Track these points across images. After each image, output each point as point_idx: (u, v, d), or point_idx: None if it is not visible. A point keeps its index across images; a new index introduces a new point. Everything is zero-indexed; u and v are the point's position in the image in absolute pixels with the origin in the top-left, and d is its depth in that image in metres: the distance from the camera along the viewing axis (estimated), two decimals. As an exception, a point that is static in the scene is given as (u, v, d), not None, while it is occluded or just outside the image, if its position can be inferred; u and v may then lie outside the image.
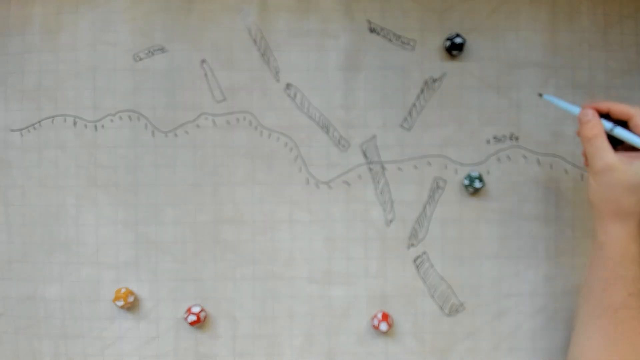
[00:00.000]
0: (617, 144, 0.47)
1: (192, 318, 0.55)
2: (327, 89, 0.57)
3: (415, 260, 0.57)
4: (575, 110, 0.49)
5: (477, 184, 0.55)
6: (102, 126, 0.56)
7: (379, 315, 0.56)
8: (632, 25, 0.57)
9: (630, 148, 0.47)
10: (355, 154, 0.57)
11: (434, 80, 0.57)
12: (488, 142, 0.57)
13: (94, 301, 0.56)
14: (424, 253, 0.57)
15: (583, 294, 0.50)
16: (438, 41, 0.57)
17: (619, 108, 0.47)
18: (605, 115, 0.48)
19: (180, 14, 0.56)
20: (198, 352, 0.57)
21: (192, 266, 0.57)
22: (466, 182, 0.56)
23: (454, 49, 0.55)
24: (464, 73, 0.57)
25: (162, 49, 0.56)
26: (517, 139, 0.57)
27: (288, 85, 0.57)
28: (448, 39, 0.56)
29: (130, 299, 0.55)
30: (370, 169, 0.57)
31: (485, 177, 0.57)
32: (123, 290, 0.55)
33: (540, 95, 0.52)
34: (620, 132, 0.46)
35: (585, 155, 0.49)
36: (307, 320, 0.57)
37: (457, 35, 0.55)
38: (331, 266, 0.57)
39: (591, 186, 0.47)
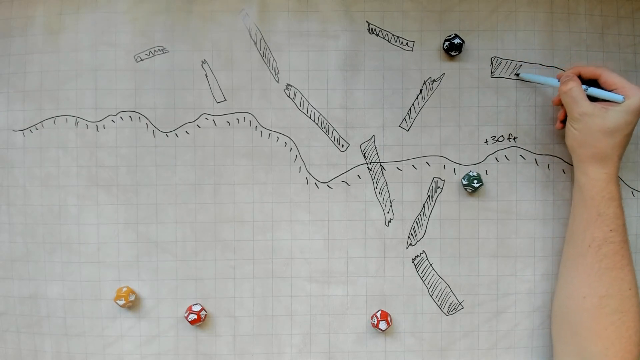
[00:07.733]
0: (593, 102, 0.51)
1: (193, 317, 0.55)
2: (326, 89, 0.57)
3: (414, 260, 0.57)
4: (554, 82, 0.53)
5: (476, 184, 0.56)
6: (104, 126, 0.56)
7: (378, 314, 0.56)
8: (629, 26, 0.57)
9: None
10: (355, 154, 0.57)
11: (433, 81, 0.57)
12: (486, 142, 0.57)
13: (95, 300, 0.57)
14: (423, 252, 0.57)
15: (567, 238, 0.54)
16: (437, 42, 0.57)
17: (587, 70, 0.52)
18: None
19: (180, 15, 0.57)
20: (198, 351, 0.57)
21: (193, 265, 0.57)
22: (465, 182, 0.56)
23: (453, 49, 0.56)
24: (462, 74, 0.57)
25: (162, 50, 0.57)
26: (515, 139, 0.57)
27: (288, 86, 0.57)
28: (447, 40, 0.56)
29: (131, 297, 0.55)
30: (370, 169, 0.57)
31: (483, 177, 0.57)
32: (124, 289, 0.55)
33: (518, 75, 0.57)
34: (593, 91, 0.50)
35: (560, 117, 0.55)
36: (307, 319, 0.57)
37: (456, 36, 0.56)
38: (331, 265, 0.57)
39: (570, 132, 0.51)
